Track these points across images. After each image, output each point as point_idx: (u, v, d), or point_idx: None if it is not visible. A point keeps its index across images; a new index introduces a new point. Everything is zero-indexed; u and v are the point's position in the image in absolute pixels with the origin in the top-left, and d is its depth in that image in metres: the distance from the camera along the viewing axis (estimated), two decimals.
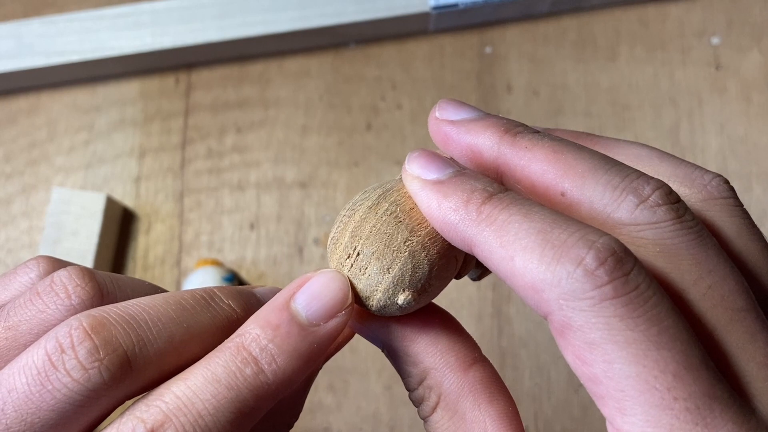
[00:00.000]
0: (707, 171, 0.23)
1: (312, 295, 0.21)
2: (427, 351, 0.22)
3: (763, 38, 0.56)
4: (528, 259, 0.18)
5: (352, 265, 0.22)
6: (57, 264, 0.22)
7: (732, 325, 0.19)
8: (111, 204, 0.52)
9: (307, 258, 0.53)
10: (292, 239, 0.53)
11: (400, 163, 0.55)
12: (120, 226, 0.54)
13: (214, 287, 0.22)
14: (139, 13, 0.55)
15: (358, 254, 0.22)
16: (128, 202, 0.54)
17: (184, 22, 0.54)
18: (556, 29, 0.57)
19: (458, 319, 0.24)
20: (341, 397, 0.50)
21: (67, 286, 0.20)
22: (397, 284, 0.21)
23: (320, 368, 0.25)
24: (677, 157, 0.23)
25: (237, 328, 0.20)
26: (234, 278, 0.51)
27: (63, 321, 0.19)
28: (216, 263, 0.51)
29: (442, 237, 0.21)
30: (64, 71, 0.55)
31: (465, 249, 0.20)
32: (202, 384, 0.19)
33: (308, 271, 0.52)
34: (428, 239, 0.22)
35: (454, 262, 0.23)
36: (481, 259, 0.20)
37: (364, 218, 0.22)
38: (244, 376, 0.19)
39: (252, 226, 0.54)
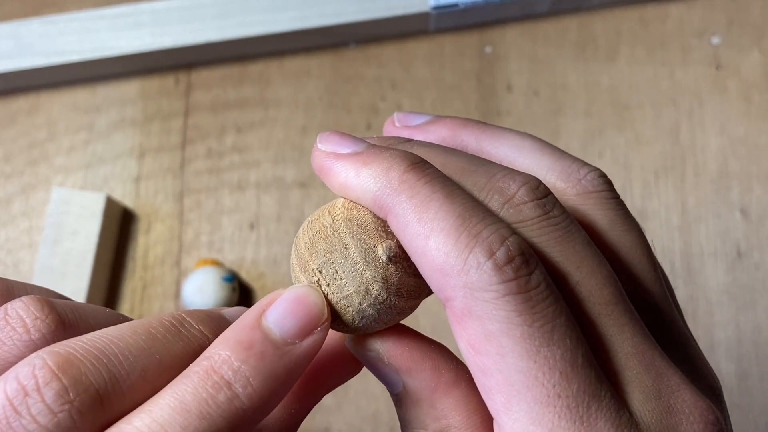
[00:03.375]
0: (584, 165, 0.23)
1: (285, 311, 0.19)
2: (458, 408, 0.21)
3: (764, 38, 0.56)
4: (443, 242, 0.18)
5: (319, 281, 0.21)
6: (2, 285, 0.20)
7: (601, 318, 0.19)
8: (111, 204, 0.52)
9: None
10: (292, 239, 0.53)
11: None
12: (120, 226, 0.54)
13: (182, 311, 0.20)
14: (139, 13, 0.55)
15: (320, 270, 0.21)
16: (128, 202, 0.54)
17: (184, 22, 0.54)
18: (556, 29, 0.57)
19: None
20: (341, 398, 0.50)
21: (24, 319, 0.18)
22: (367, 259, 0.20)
23: (319, 400, 0.24)
24: (560, 150, 0.24)
25: None
26: (234, 278, 0.51)
27: (22, 359, 0.17)
28: (216, 263, 0.51)
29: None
30: (64, 71, 0.55)
31: (381, 215, 0.20)
32: (170, 415, 0.17)
33: None
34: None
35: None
36: (394, 229, 0.20)
37: (307, 235, 0.21)
38: (217, 402, 0.17)
39: (252, 226, 0.54)
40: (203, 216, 0.54)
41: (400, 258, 0.21)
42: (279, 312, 0.19)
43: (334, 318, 0.21)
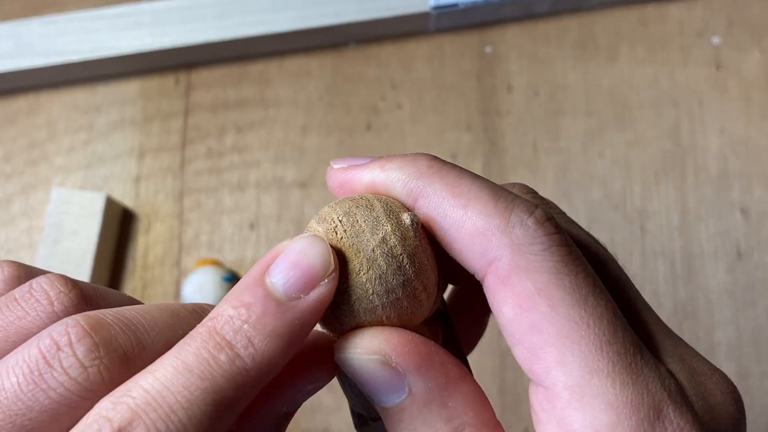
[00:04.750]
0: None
1: (289, 264, 0.19)
2: (469, 404, 0.20)
3: (764, 38, 0.56)
4: (483, 206, 0.19)
5: (335, 230, 0.20)
6: (23, 270, 0.21)
7: (618, 287, 0.21)
8: (111, 204, 0.52)
9: None
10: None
11: None
12: (120, 226, 0.54)
13: (204, 304, 0.20)
14: (138, 13, 0.55)
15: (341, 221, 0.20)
16: (128, 202, 0.54)
17: (184, 22, 0.54)
18: (556, 29, 0.57)
19: None
20: (341, 398, 0.50)
21: (48, 293, 0.19)
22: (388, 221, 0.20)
23: (298, 407, 0.22)
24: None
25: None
26: (234, 278, 0.51)
27: (44, 328, 0.18)
28: (216, 263, 0.51)
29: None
30: (63, 71, 0.55)
31: (407, 203, 0.21)
32: (173, 375, 0.17)
33: None
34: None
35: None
36: (426, 209, 0.20)
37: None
38: (219, 363, 0.17)
39: (252, 226, 0.54)
40: (203, 216, 0.54)
41: (421, 234, 0.20)
42: (282, 266, 0.19)
43: (339, 303, 0.20)
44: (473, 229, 0.19)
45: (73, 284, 0.19)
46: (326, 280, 0.19)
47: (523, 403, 0.50)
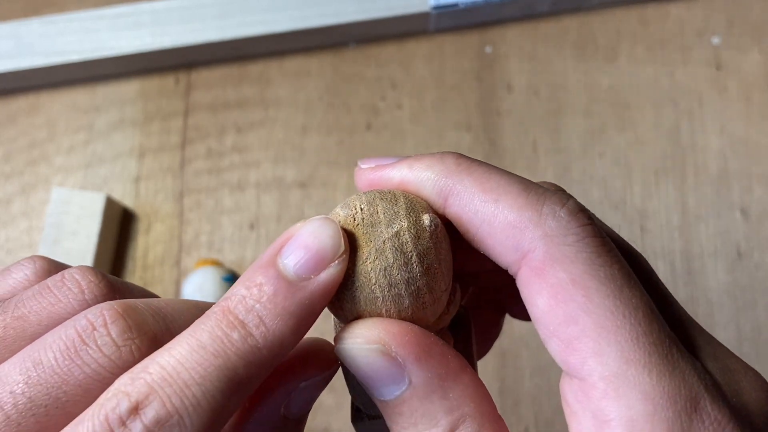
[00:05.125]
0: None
1: (299, 245, 0.19)
2: (470, 394, 0.20)
3: (764, 38, 0.56)
4: (514, 199, 0.20)
5: (354, 217, 0.21)
6: (53, 264, 0.22)
7: (650, 284, 0.21)
8: (110, 204, 0.52)
9: None
10: None
11: None
12: (119, 226, 0.54)
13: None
14: (138, 13, 0.55)
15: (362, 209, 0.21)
16: (128, 202, 0.54)
17: (183, 22, 0.54)
18: (556, 29, 0.57)
19: None
20: (341, 397, 0.50)
21: (80, 282, 0.20)
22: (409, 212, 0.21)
23: (302, 411, 0.23)
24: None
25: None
26: (233, 278, 0.51)
27: (75, 315, 0.19)
28: (216, 263, 0.51)
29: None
30: (63, 71, 0.55)
31: (438, 202, 0.21)
32: (188, 352, 0.17)
33: None
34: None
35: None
36: (456, 207, 0.21)
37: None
38: (231, 341, 0.18)
39: (252, 226, 0.54)
40: (203, 216, 0.54)
41: (439, 238, 0.21)
42: (293, 247, 0.19)
43: (343, 288, 0.20)
44: (505, 223, 0.19)
45: (103, 275, 0.20)
46: (336, 262, 0.19)
47: (521, 404, 0.50)
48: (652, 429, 0.17)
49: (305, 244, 0.19)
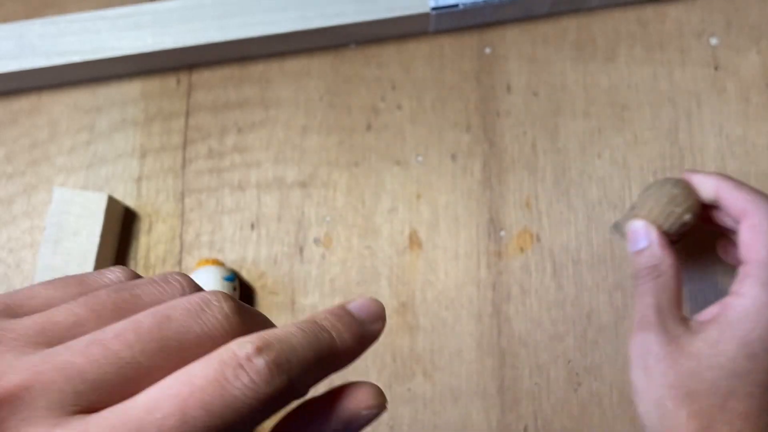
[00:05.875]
0: None
1: (361, 304, 0.26)
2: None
3: (762, 39, 0.57)
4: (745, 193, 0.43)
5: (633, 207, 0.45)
6: (135, 273, 0.26)
7: None
8: (112, 204, 0.52)
9: (308, 258, 0.53)
10: (293, 239, 0.54)
11: (400, 164, 0.55)
12: (121, 226, 0.54)
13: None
14: (140, 14, 0.55)
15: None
16: (129, 202, 0.55)
17: (185, 22, 0.55)
18: (555, 30, 0.57)
19: (458, 318, 0.25)
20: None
21: (181, 282, 0.24)
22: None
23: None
24: None
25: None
26: (235, 277, 0.51)
27: (176, 299, 0.22)
28: (217, 263, 0.51)
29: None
30: (65, 72, 0.55)
31: (735, 216, 0.43)
32: (295, 332, 0.23)
33: (309, 270, 0.53)
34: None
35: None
36: (722, 192, 0.44)
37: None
38: (323, 337, 0.24)
39: (252, 226, 0.54)
40: (204, 216, 0.54)
41: (696, 211, 0.44)
42: (357, 305, 0.26)
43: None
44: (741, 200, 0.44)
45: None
46: (381, 321, 0.26)
47: (520, 403, 0.50)
48: None
49: (364, 305, 0.26)
